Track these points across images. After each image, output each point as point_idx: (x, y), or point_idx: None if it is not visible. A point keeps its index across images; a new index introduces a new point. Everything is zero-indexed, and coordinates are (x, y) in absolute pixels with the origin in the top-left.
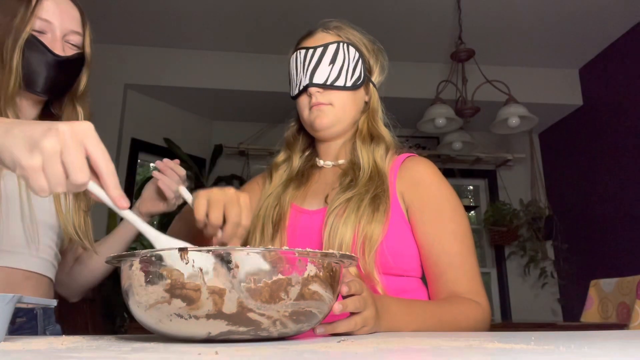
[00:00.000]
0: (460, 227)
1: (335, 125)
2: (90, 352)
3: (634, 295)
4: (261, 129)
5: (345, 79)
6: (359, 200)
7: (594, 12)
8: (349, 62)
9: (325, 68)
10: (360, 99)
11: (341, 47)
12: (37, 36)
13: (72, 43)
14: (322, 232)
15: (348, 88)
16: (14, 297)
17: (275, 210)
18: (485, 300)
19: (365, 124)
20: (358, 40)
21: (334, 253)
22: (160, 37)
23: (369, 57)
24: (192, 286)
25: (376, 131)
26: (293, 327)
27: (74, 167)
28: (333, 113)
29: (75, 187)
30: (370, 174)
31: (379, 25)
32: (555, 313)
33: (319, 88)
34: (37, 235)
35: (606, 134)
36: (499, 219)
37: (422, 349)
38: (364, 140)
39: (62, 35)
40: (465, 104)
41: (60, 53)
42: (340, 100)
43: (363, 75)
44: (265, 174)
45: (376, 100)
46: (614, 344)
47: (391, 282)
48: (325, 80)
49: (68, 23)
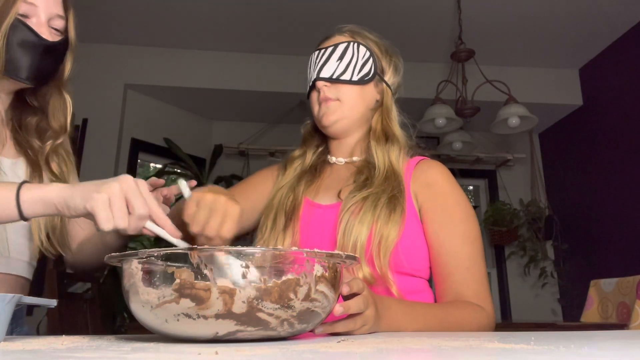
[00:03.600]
0: (471, 230)
1: (342, 121)
2: (90, 352)
3: (634, 295)
4: (261, 129)
5: (352, 73)
6: (376, 199)
7: (594, 12)
8: (357, 58)
9: (333, 63)
10: (369, 96)
11: (351, 45)
12: (23, 20)
13: (55, 27)
14: (337, 229)
15: (355, 82)
16: (14, 297)
17: (289, 200)
18: (491, 305)
19: (379, 123)
20: (371, 42)
21: (340, 254)
22: (160, 37)
23: (382, 58)
24: (202, 286)
25: (390, 131)
26: (298, 327)
27: (136, 202)
28: (340, 109)
29: (137, 219)
30: (386, 174)
31: (379, 25)
32: (555, 313)
33: (326, 82)
34: (6, 239)
35: (606, 134)
36: (499, 219)
37: (422, 349)
38: (378, 139)
39: (47, 19)
40: (465, 104)
41: (47, 38)
42: (347, 95)
43: (373, 72)
44: (280, 165)
45: (390, 100)
46: (614, 344)
47: (402, 281)
48: (332, 74)
49: (53, 7)
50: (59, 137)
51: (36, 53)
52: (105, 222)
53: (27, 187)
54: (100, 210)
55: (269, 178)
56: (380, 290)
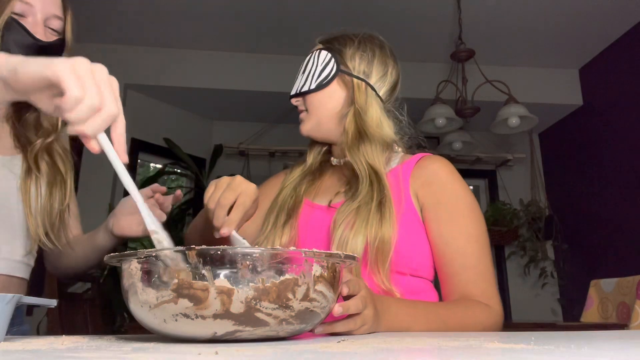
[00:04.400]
0: (476, 227)
1: (314, 128)
2: (90, 352)
3: (634, 295)
4: (261, 129)
5: (310, 83)
6: (367, 210)
7: (594, 12)
8: (316, 66)
9: (299, 78)
10: (335, 95)
11: (313, 56)
12: (18, 19)
13: (52, 28)
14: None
15: (313, 90)
16: (14, 297)
17: (291, 199)
18: (498, 303)
19: (352, 123)
20: (342, 41)
21: (339, 254)
22: (160, 37)
23: (355, 53)
24: (200, 286)
25: (366, 129)
26: (297, 327)
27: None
28: (308, 119)
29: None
30: (369, 180)
31: (379, 26)
32: (555, 313)
33: (294, 98)
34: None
35: (606, 134)
36: (499, 219)
37: (422, 348)
38: (352, 142)
39: (43, 19)
40: (465, 104)
41: (41, 38)
42: (311, 104)
43: (333, 71)
44: (288, 170)
45: (362, 94)
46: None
47: (404, 282)
48: (296, 90)
49: (50, 6)
50: (50, 135)
51: (30, 52)
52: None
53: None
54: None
55: (278, 184)
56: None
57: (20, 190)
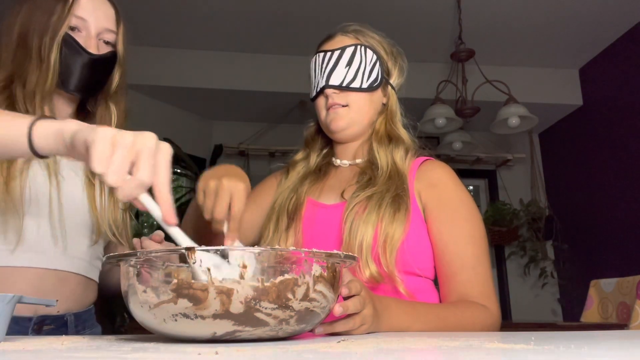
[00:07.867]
0: (475, 229)
1: (351, 127)
2: (90, 352)
3: (634, 295)
4: (261, 129)
5: (361, 81)
6: (380, 198)
7: (594, 12)
8: (365, 64)
9: (341, 70)
10: (377, 101)
11: (358, 50)
12: (72, 34)
13: (106, 41)
14: (342, 229)
15: (364, 89)
16: (14, 297)
17: (291, 201)
18: (496, 305)
19: (383, 126)
20: (376, 43)
21: (339, 254)
22: (160, 37)
23: (387, 60)
24: (199, 286)
25: (395, 133)
26: (297, 327)
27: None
28: (349, 115)
29: (135, 184)
30: (389, 174)
31: (379, 25)
32: (555, 313)
33: (335, 90)
34: (66, 235)
35: (606, 134)
36: (499, 219)
37: (422, 348)
38: (380, 141)
39: (96, 33)
40: (465, 104)
41: (94, 51)
42: (356, 101)
43: (380, 77)
44: (282, 171)
45: (395, 103)
46: (614, 344)
47: (408, 281)
48: (342, 82)
49: (103, 21)
50: None
51: (83, 66)
52: (97, 161)
53: (44, 119)
54: (97, 145)
55: (273, 185)
56: (387, 289)
57: (85, 190)
